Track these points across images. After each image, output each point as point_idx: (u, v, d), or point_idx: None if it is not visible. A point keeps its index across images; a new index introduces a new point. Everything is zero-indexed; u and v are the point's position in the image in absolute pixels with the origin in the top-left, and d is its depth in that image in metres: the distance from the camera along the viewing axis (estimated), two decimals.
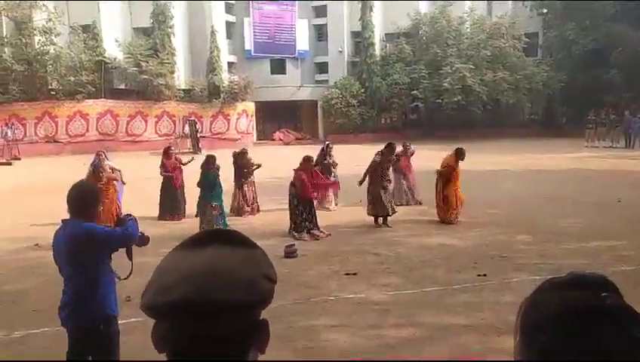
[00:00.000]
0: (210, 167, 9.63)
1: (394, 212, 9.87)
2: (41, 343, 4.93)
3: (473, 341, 4.82)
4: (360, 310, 5.65)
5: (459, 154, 10.01)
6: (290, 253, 7.76)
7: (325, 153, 11.74)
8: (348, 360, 4.52)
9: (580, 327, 0.72)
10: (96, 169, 9.42)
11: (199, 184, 9.64)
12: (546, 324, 0.75)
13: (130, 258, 3.56)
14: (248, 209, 11.20)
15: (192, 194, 10.46)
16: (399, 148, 11.45)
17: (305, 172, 9.24)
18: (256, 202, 11.40)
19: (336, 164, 11.93)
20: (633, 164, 18.50)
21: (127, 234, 3.43)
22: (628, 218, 9.88)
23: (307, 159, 9.47)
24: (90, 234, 3.29)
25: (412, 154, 12.41)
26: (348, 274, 6.87)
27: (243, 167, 11.32)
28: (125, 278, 3.60)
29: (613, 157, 20.75)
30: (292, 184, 9.30)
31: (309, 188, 9.15)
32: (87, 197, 3.44)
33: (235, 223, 10.19)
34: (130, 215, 3.58)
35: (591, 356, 0.71)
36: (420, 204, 11.77)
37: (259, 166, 11.47)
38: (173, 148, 11.73)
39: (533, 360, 0.75)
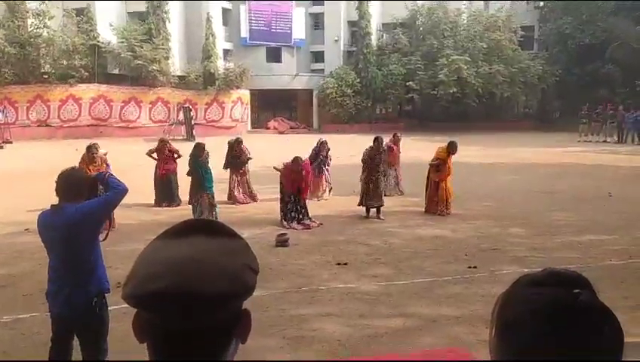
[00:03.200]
0: (199, 155, 9.59)
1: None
2: (31, 328, 4.92)
3: (463, 332, 4.85)
4: (350, 300, 5.67)
5: (450, 148, 10.03)
6: (282, 242, 7.77)
7: (319, 150, 11.68)
8: (348, 360, 4.52)
9: (553, 324, 0.74)
10: (90, 151, 9.18)
11: (189, 173, 9.63)
12: (521, 321, 0.76)
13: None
14: (243, 197, 11.23)
15: (184, 184, 10.42)
16: (387, 139, 11.38)
17: (289, 170, 9.34)
18: (252, 190, 11.44)
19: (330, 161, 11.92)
20: (625, 158, 18.65)
21: (120, 191, 3.46)
22: (619, 212, 9.96)
23: (295, 160, 9.43)
24: (91, 211, 3.31)
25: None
26: (339, 264, 6.89)
27: (237, 156, 11.34)
28: (104, 239, 3.62)
29: (606, 152, 20.88)
30: (280, 175, 9.40)
31: (288, 183, 9.34)
32: (81, 183, 3.44)
33: (230, 211, 10.18)
34: (103, 173, 3.65)
35: (564, 353, 0.72)
36: (402, 193, 11.89)
37: (249, 159, 11.51)
38: (166, 135, 11.65)
39: (510, 357, 0.77)
